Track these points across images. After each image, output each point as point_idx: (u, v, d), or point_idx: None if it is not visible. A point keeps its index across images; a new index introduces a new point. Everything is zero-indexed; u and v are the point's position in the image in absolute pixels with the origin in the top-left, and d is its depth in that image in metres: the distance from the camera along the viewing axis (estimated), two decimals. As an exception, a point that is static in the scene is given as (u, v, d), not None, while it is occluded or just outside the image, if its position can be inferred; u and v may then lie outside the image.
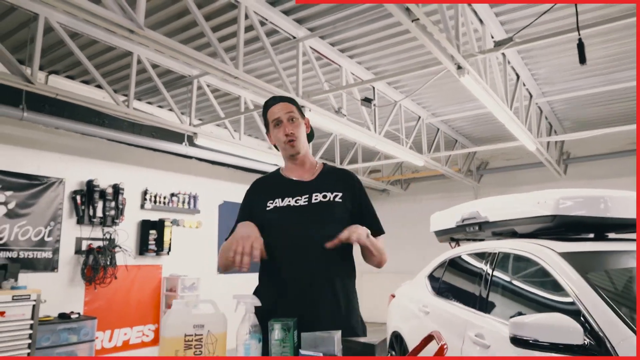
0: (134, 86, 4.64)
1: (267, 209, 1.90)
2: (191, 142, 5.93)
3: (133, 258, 6.14)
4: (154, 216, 6.43)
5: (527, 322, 2.14)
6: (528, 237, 3.27)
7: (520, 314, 2.75)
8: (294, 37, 4.36)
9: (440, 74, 4.31)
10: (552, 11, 3.63)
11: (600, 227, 3.16)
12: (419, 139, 7.09)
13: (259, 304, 1.65)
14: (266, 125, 1.98)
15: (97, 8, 2.59)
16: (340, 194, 1.89)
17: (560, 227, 3.13)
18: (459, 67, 3.42)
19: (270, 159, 6.64)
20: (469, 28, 3.67)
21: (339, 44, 4.74)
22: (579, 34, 2.75)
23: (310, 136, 2.05)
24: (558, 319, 2.13)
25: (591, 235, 3.29)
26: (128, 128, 5.76)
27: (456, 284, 3.83)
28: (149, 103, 6.35)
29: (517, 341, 2.16)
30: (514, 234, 3.59)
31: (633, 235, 3.59)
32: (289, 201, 1.89)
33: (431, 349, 1.77)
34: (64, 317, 5.10)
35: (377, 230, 1.90)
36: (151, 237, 6.24)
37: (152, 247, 6.25)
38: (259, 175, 7.62)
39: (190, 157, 6.99)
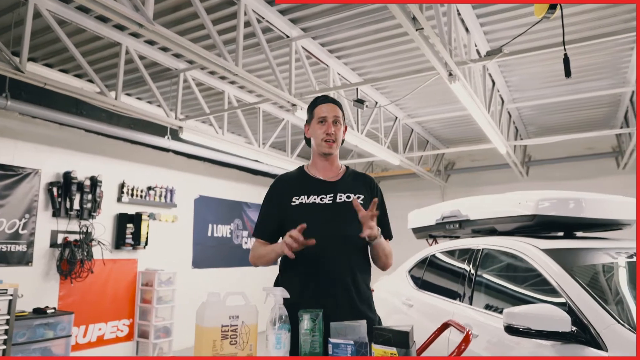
0: (122, 77, 4.56)
1: (293, 204, 1.99)
2: (174, 136, 5.88)
3: (110, 252, 6.02)
4: (131, 209, 6.33)
5: (520, 312, 2.33)
6: (505, 235, 3.52)
7: (507, 305, 2.97)
8: (287, 37, 4.43)
9: (430, 80, 4.50)
10: (533, 23, 3.90)
11: (574, 226, 3.43)
12: (395, 139, 7.32)
13: (287, 295, 1.73)
14: (309, 119, 2.07)
15: (108, 1, 2.57)
16: (362, 196, 2.01)
17: (539, 226, 3.39)
18: (450, 74, 3.61)
19: (252, 155, 6.67)
20: (458, 36, 3.88)
21: (329, 44, 4.85)
22: (565, 49, 2.99)
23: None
24: (548, 309, 2.32)
25: (561, 234, 3.56)
26: (107, 119, 5.64)
27: (441, 278, 4.02)
28: (128, 94, 6.23)
29: (510, 329, 2.35)
30: (493, 232, 3.84)
31: (599, 234, 3.93)
32: (315, 199, 1.99)
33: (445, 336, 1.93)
34: (39, 312, 4.96)
35: (387, 233, 2.05)
36: (128, 230, 6.14)
37: (129, 240, 6.15)
38: (236, 171, 7.63)
39: (168, 151, 6.92)
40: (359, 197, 2.00)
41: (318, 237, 1.88)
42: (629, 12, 4.25)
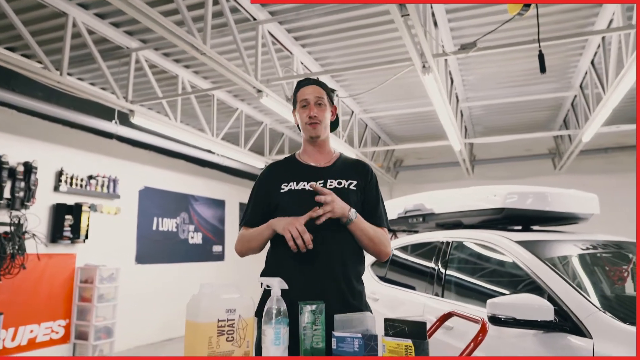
0: (68, 52, 4.12)
1: (282, 191, 1.89)
2: (122, 121, 5.44)
3: (45, 246, 5.47)
4: (70, 200, 5.79)
5: (503, 302, 2.33)
6: (470, 228, 3.57)
7: (481, 296, 3.00)
8: (255, 19, 4.22)
9: (402, 72, 4.48)
10: (500, 21, 4.00)
11: (538, 220, 3.55)
12: (351, 134, 7.30)
13: (285, 286, 1.60)
14: (294, 104, 1.98)
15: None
16: (354, 182, 1.91)
17: (506, 219, 3.47)
18: (424, 66, 3.60)
19: (205, 144, 6.35)
20: (431, 30, 3.89)
21: (295, 31, 4.70)
22: (540, 46, 3.07)
23: (334, 125, 2.06)
24: (531, 298, 2.35)
25: (519, 228, 3.66)
26: (44, 98, 5.08)
27: (408, 271, 4.02)
28: (69, 74, 5.68)
29: (494, 320, 2.35)
30: (457, 226, 3.89)
31: (554, 228, 4.10)
32: (304, 185, 1.88)
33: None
34: (-39, 313, 4.40)
35: (377, 222, 1.91)
36: (66, 222, 5.60)
37: (67, 233, 5.62)
38: (183, 162, 7.27)
39: (112, 137, 6.42)
40: (350, 183, 1.90)
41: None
42: (583, 18, 4.48)
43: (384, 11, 4.23)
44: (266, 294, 1.58)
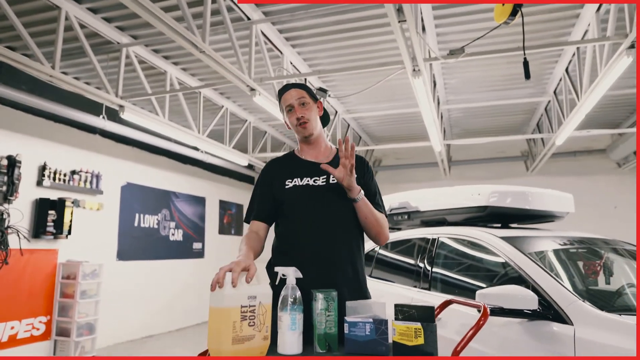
0: (60, 45, 4.09)
1: (286, 187, 1.96)
2: (109, 117, 5.41)
3: (27, 241, 5.38)
4: (52, 195, 5.71)
5: (491, 293, 2.50)
6: (453, 225, 3.75)
7: (468, 288, 3.18)
8: (249, 19, 4.30)
9: (392, 75, 4.64)
10: (483, 28, 4.20)
11: (518, 217, 3.75)
12: (334, 133, 7.43)
13: (300, 275, 1.69)
14: (282, 110, 2.04)
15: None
16: (355, 177, 2.03)
17: (489, 217, 3.66)
18: (414, 70, 3.77)
19: (191, 141, 6.37)
20: (419, 35, 4.05)
21: (286, 32, 4.79)
22: (525, 54, 3.27)
23: (324, 119, 2.12)
24: (517, 289, 2.52)
25: (498, 225, 3.86)
26: (28, 91, 5.00)
27: (394, 265, 4.17)
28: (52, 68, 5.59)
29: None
30: (441, 223, 4.06)
31: (532, 225, 4.32)
32: (308, 181, 1.96)
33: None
34: (-58, 308, 4.31)
35: (378, 209, 2.00)
36: (50, 217, 5.53)
37: (51, 229, 5.55)
38: (165, 159, 7.23)
39: (96, 132, 6.37)
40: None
41: (314, 219, 1.89)
42: (560, 28, 4.75)
43: (375, 15, 4.38)
44: (275, 285, 1.65)
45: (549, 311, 2.46)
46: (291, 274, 1.66)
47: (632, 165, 8.28)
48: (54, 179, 5.74)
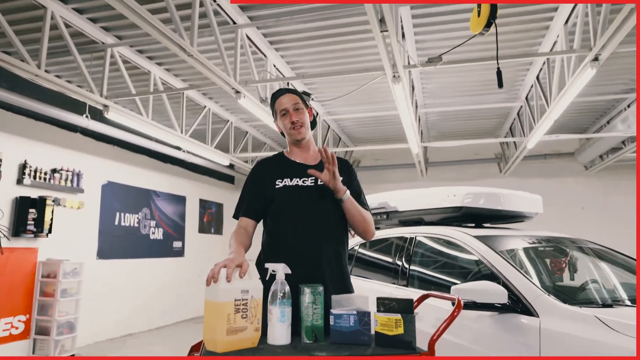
0: (46, 45, 4.11)
1: (277, 187, 2.06)
2: (93, 116, 5.41)
3: (7, 239, 5.35)
4: (33, 193, 5.68)
5: (465, 288, 2.68)
6: (430, 225, 3.93)
7: (444, 284, 3.36)
8: (235, 23, 4.39)
9: (372, 81, 4.80)
10: (466, 37, 4.41)
11: (491, 217, 3.96)
12: (314, 134, 7.56)
13: (289, 271, 1.81)
14: (274, 116, 2.15)
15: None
16: (341, 178, 2.16)
17: (463, 217, 3.86)
18: (394, 76, 3.94)
19: (174, 141, 6.41)
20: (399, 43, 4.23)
21: (271, 36, 4.90)
22: (498, 64, 3.47)
23: (312, 124, 2.23)
24: (489, 285, 2.70)
25: (472, 225, 4.06)
26: (9, 89, 4.97)
27: (374, 264, 4.33)
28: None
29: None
30: (418, 223, 4.24)
31: (504, 225, 4.54)
32: (297, 181, 2.07)
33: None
34: None
35: (363, 207, 2.13)
36: (30, 216, 5.50)
37: (31, 227, 5.52)
38: (145, 157, 7.26)
39: (76, 131, 6.35)
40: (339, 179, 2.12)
41: (303, 218, 2.00)
42: (531, 38, 5.00)
43: (358, 22, 4.54)
44: (265, 280, 1.74)
45: (517, 305, 2.64)
46: (281, 269, 1.76)
47: (599, 168, 8.70)
48: (35, 177, 5.71)
